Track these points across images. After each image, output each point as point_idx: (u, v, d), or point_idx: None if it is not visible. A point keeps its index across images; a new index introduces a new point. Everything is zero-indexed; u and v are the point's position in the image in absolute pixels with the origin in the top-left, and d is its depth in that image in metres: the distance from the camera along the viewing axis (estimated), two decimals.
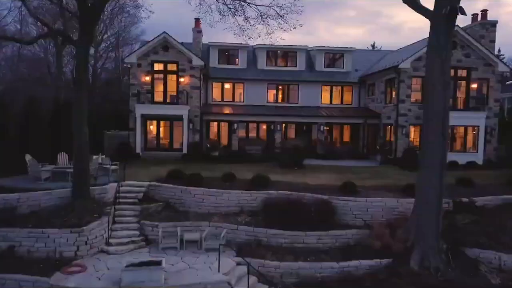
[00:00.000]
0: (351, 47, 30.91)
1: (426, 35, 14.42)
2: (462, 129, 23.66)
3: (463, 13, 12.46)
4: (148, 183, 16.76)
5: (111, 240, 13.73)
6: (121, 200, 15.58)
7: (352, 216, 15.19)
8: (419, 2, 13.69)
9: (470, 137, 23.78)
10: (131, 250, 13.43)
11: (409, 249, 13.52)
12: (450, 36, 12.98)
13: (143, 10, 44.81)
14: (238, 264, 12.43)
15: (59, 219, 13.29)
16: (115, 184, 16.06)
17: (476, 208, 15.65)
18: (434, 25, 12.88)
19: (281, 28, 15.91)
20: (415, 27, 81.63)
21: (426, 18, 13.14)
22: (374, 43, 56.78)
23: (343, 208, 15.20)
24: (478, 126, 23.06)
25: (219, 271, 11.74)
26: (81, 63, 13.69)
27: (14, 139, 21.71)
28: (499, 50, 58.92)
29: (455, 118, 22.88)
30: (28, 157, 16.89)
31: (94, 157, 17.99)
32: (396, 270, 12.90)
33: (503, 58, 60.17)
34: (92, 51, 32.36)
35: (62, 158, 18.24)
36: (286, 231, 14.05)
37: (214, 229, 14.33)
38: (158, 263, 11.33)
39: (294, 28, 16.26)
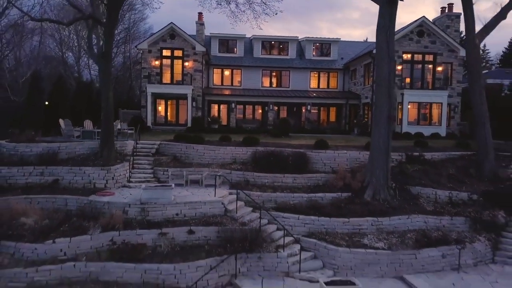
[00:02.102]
0: (337, 38, 34.49)
1: None
2: (427, 106, 27.20)
3: None
4: (159, 142, 20.49)
5: (131, 179, 17.47)
6: (137, 153, 19.32)
7: (322, 165, 18.86)
8: None
9: (435, 112, 27.26)
10: None
11: (365, 187, 17.14)
12: (393, 18, 16.53)
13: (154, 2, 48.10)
14: (230, 193, 16.06)
15: (91, 161, 17.09)
16: (132, 142, 19.81)
17: (423, 160, 19.29)
18: (381, 10, 16.50)
19: (265, 13, 19.47)
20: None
21: (377, 4, 16.75)
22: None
23: (315, 158, 18.87)
24: (441, 103, 26.56)
25: (215, 195, 15.41)
26: (108, 40, 17.38)
27: (49, 109, 25.60)
28: (484, 45, 62.59)
29: (422, 96, 26.69)
30: (61, 121, 20.66)
31: (114, 122, 21.69)
32: (353, 200, 16.55)
33: (489, 52, 63.81)
34: None
35: (88, 124, 21.98)
36: (269, 173, 17.74)
37: (213, 173, 18.00)
38: (169, 186, 15.02)
39: (276, 14, 19.83)
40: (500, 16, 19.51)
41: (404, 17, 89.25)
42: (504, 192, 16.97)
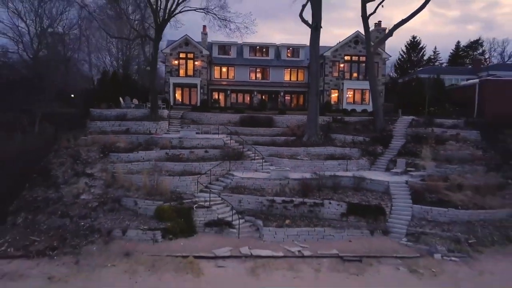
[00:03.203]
0: (304, 44, 46.70)
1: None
2: (360, 91, 39.50)
3: (320, 27, 28.44)
4: (182, 112, 32.80)
5: (169, 130, 29.77)
6: (171, 117, 31.60)
7: (282, 123, 31.41)
8: (305, 19, 29.66)
9: (366, 95, 39.56)
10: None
11: (303, 134, 29.50)
12: (318, 37, 28.78)
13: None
14: (227, 136, 28.40)
15: (146, 119, 29.31)
16: (166, 111, 32.09)
17: (343, 121, 31.75)
18: (311, 32, 28.80)
19: (247, 33, 31.75)
20: (410, 28, 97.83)
21: (309, 28, 29.03)
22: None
23: (278, 119, 31.42)
24: (368, 89, 38.76)
25: (218, 136, 27.73)
26: (155, 49, 29.55)
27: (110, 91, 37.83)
28: (435, 48, 75.43)
29: (357, 85, 39.06)
30: (121, 99, 32.82)
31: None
32: (296, 141, 28.95)
33: (439, 54, 76.41)
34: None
35: (134, 100, 34.04)
36: (249, 127, 30.13)
37: (216, 127, 30.25)
38: (194, 130, 27.38)
39: (254, 33, 32.23)
40: (389, 34, 31.98)
41: (398, 16, 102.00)
42: (383, 136, 29.45)
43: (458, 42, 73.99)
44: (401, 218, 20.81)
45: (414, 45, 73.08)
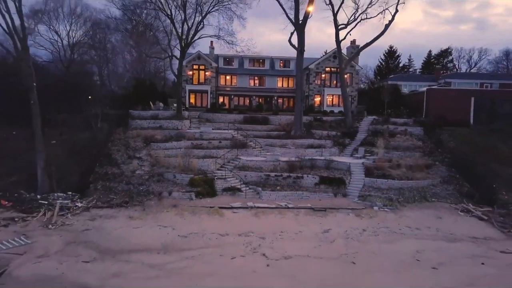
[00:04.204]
0: (293, 57, 56.02)
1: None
2: (337, 96, 49.03)
3: (303, 51, 37.93)
4: (199, 113, 42.23)
5: (190, 127, 39.17)
6: (190, 117, 40.97)
7: (275, 122, 40.88)
8: (293, 43, 39.19)
9: (341, 99, 49.03)
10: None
11: (291, 130, 39.00)
12: (302, 58, 38.24)
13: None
14: (234, 131, 37.87)
15: (174, 119, 38.71)
16: (187, 112, 41.47)
17: (322, 120, 41.30)
18: (297, 54, 38.25)
19: (248, 49, 41.20)
20: (406, 28, 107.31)
21: (295, 50, 38.44)
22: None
23: (272, 118, 40.96)
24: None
25: (228, 131, 37.20)
26: (180, 66, 38.84)
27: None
28: (410, 56, 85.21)
29: (335, 91, 48.53)
30: (151, 102, 42.14)
31: (175, 104, 43.26)
32: (285, 135, 38.42)
33: (413, 61, 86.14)
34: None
35: (160, 104, 43.36)
36: (250, 125, 39.63)
37: (225, 124, 39.67)
38: (210, 127, 36.84)
39: (250, 48, 41.55)
40: (356, 54, 41.55)
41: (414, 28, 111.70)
42: (351, 131, 39.05)
43: (430, 51, 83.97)
44: (356, 186, 30.33)
45: (391, 54, 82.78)
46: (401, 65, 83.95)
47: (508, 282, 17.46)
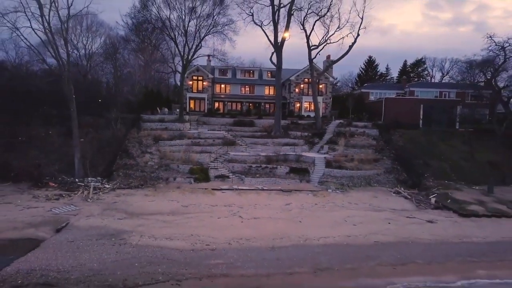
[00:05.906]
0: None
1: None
2: (312, 103, 57.45)
3: (281, 68, 46.44)
4: (197, 116, 50.73)
5: (190, 128, 47.68)
6: (190, 120, 49.48)
7: (259, 124, 49.32)
8: (273, 61, 47.70)
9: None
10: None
11: (272, 131, 47.50)
12: (280, 71, 46.68)
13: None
14: (226, 132, 46.38)
15: (177, 121, 47.19)
16: (188, 116, 49.98)
17: (297, 123, 49.80)
18: (276, 69, 46.68)
19: (238, 63, 49.59)
20: (405, 30, 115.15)
21: (275, 67, 46.86)
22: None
23: (257, 122, 49.48)
24: (320, 102, 56.76)
25: (220, 132, 45.72)
26: (182, 78, 47.23)
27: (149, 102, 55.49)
28: (387, 65, 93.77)
29: (311, 98, 57.09)
30: (158, 108, 50.62)
31: (178, 109, 51.74)
32: (267, 135, 46.94)
33: (390, 69, 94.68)
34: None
35: (165, 109, 51.85)
36: (239, 127, 48.14)
37: (219, 126, 48.16)
38: (206, 128, 45.40)
39: (241, 62, 49.96)
40: (327, 68, 50.07)
41: (392, 19, 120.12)
42: (320, 132, 47.56)
43: (406, 60, 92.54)
44: (317, 174, 38.76)
45: (370, 63, 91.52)
46: (379, 73, 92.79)
47: (400, 233, 25.98)
